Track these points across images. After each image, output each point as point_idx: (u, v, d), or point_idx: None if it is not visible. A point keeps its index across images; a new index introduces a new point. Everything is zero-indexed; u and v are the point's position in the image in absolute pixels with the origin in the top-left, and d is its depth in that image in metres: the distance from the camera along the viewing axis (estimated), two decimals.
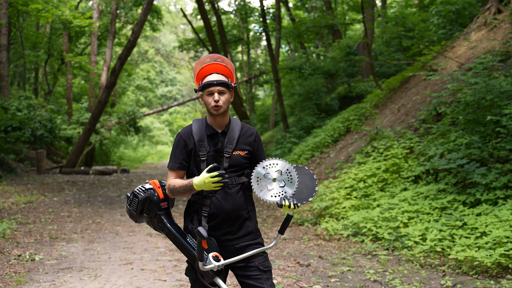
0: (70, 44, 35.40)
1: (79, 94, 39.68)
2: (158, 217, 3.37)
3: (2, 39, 25.42)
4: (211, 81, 3.34)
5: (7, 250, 7.73)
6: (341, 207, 9.69)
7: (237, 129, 3.46)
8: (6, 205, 12.49)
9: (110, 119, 30.95)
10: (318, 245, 8.22)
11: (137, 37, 23.71)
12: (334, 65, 24.51)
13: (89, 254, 7.73)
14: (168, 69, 61.77)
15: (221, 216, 3.34)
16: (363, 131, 13.73)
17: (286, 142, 19.30)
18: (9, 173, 20.11)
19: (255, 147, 3.49)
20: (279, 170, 3.28)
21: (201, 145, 3.37)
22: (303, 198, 3.30)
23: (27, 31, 32.27)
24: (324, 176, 12.75)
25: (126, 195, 3.51)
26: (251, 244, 3.41)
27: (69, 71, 31.67)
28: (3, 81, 25.54)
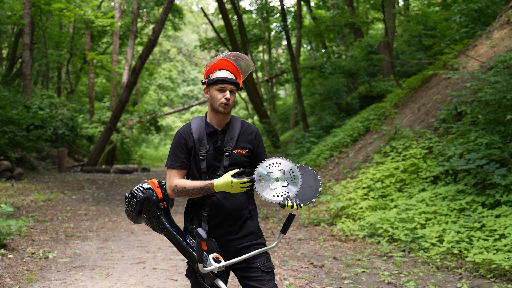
0: (92, 43, 35.69)
1: (101, 93, 40.02)
2: (157, 217, 3.29)
3: (25, 38, 25.63)
4: (227, 78, 3.25)
5: (22, 247, 7.74)
6: (358, 207, 9.55)
7: (237, 127, 3.37)
8: (25, 202, 12.57)
9: (131, 118, 31.09)
10: (333, 246, 8.10)
11: (158, 36, 23.75)
12: (355, 64, 24.30)
13: (102, 252, 7.70)
14: (189, 68, 61.91)
15: (222, 216, 3.25)
16: (382, 130, 13.55)
17: (305, 142, 19.16)
18: (31, 171, 20.30)
19: (255, 145, 3.39)
20: (282, 169, 3.18)
21: (201, 144, 3.28)
22: (306, 199, 3.20)
23: (50, 30, 32.59)
24: (342, 176, 12.60)
25: (124, 195, 3.39)
26: (253, 244, 3.31)
27: (91, 70, 31.89)
28: (26, 80, 25.78)
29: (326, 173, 13.89)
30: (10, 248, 7.57)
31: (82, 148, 31.80)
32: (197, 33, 61.82)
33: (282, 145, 25.03)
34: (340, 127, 18.57)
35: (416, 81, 15.96)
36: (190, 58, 58.18)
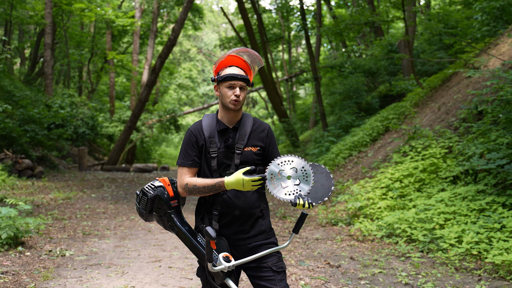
0: (113, 43, 35.93)
1: (122, 92, 40.28)
2: (168, 215, 3.26)
3: (47, 38, 25.88)
4: (236, 74, 3.21)
5: (39, 245, 7.78)
6: (376, 207, 9.46)
7: (249, 125, 3.33)
8: (45, 200, 12.68)
9: (151, 117, 31.23)
10: (350, 246, 8.03)
11: (177, 35, 23.82)
12: (375, 63, 24.13)
13: (119, 250, 7.72)
14: (209, 67, 62.05)
15: (233, 214, 3.22)
16: (402, 130, 13.42)
17: (324, 141, 19.07)
18: (52, 170, 20.48)
19: (267, 143, 3.35)
20: (294, 167, 3.14)
21: (212, 141, 3.25)
22: (319, 198, 3.15)
23: (71, 30, 32.86)
24: (360, 175, 12.51)
25: (135, 193, 3.37)
26: (264, 243, 3.27)
27: (112, 70, 32.09)
28: (47, 79, 26.04)
29: (345, 172, 13.80)
30: (28, 246, 7.62)
31: (103, 147, 32.02)
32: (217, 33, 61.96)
33: (302, 144, 24.95)
34: (359, 126, 18.45)
35: (436, 80, 15.79)
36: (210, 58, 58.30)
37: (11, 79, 26.72)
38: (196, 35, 55.69)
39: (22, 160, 17.87)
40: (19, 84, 27.20)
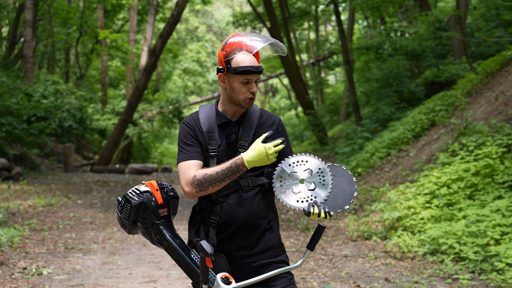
0: (106, 20, 36.09)
1: (117, 79, 40.42)
2: (156, 227, 3.22)
3: (27, 14, 26.07)
4: (253, 68, 3.15)
5: (12, 261, 7.81)
6: (418, 218, 9.37)
7: (255, 118, 3.29)
8: (22, 208, 12.77)
9: (150, 108, 31.32)
10: (386, 265, 7.96)
11: (182, 11, 23.84)
12: (420, 43, 23.95)
13: (107, 268, 7.72)
14: None
15: (234, 226, 3.18)
16: (451, 124, 13.30)
17: (356, 137, 18.99)
18: (32, 171, 20.64)
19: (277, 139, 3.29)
20: (309, 169, 3.09)
21: (211, 137, 3.21)
22: (338, 206, 3.09)
23: (57, 4, 33.01)
24: (400, 179, 12.42)
25: (117, 199, 3.33)
26: (272, 262, 3.23)
27: (104, 52, 32.19)
28: (28, 63, 26.24)
29: (382, 175, 13.72)
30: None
31: (93, 144, 32.20)
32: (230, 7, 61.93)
33: (330, 141, 24.91)
34: (400, 120, 18.33)
35: (493, 64, 15.62)
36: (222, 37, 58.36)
37: None
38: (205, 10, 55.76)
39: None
40: None
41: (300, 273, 7.45)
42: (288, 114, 44.67)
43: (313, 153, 24.44)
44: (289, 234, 10.39)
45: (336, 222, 11.29)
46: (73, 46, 35.62)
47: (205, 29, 56.90)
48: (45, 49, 38.23)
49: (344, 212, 11.98)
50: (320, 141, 25.04)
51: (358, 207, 12.07)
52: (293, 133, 34.25)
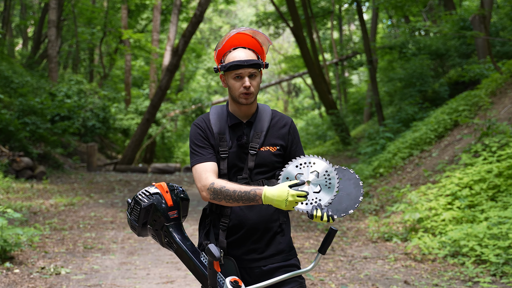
0: (130, 19, 36.20)
1: (140, 78, 40.58)
2: (166, 229, 3.18)
3: (51, 14, 26.24)
4: (241, 61, 3.11)
5: (31, 261, 7.84)
6: (440, 219, 9.26)
7: (266, 119, 3.24)
8: (44, 207, 12.84)
9: (173, 108, 31.39)
10: (406, 267, 7.87)
11: (204, 10, 23.85)
12: (444, 43, 23.72)
13: (125, 268, 7.72)
14: None
15: (244, 229, 3.13)
16: (474, 125, 13.14)
17: (379, 138, 18.85)
18: (55, 170, 20.76)
19: (289, 141, 3.25)
20: (315, 171, 3.03)
21: (222, 139, 3.16)
22: (342, 210, 3.03)
23: (81, 4, 33.20)
24: (422, 180, 12.29)
25: (126, 201, 3.30)
26: (283, 266, 3.18)
27: (127, 51, 32.32)
28: (52, 63, 26.42)
29: (404, 176, 13.60)
30: (18, 261, 7.68)
31: (116, 143, 32.34)
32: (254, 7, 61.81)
33: (353, 141, 24.78)
34: (422, 120, 18.16)
35: None
36: None
37: (10, 63, 27.20)
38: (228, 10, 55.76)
39: (20, 158, 18.15)
40: (19, 68, 27.66)
41: (318, 275, 7.39)
42: (312, 113, 44.54)
43: (336, 153, 24.36)
44: (309, 235, 10.33)
45: (356, 223, 11.21)
46: (97, 46, 35.79)
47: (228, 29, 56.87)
48: (70, 49, 38.49)
49: (365, 213, 11.88)
50: (343, 141, 24.92)
51: (379, 208, 11.98)
52: (316, 133, 34.17)
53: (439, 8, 28.94)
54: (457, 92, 20.95)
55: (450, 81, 22.49)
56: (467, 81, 19.87)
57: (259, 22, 35.81)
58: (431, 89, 21.88)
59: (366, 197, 13.19)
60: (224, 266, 3.09)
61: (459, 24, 22.06)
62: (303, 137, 35.60)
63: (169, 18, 36.31)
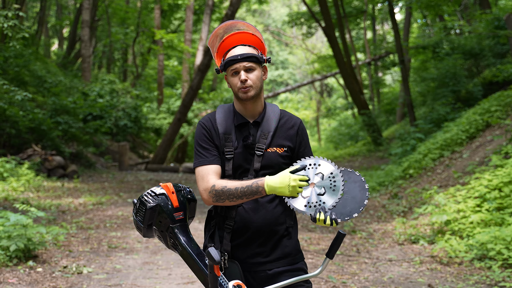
0: (163, 19, 36.34)
1: (174, 78, 40.74)
2: (171, 231, 3.13)
3: (85, 14, 26.48)
4: (234, 56, 3.07)
5: (55, 259, 7.88)
6: (468, 222, 9.08)
7: (274, 119, 3.17)
8: (73, 205, 12.93)
9: (204, 107, 31.43)
10: (431, 270, 7.73)
11: (236, 10, 23.83)
12: (479, 42, 23.36)
13: (147, 268, 7.71)
14: (278, 49, 62.00)
15: (250, 231, 3.07)
16: (506, 125, 12.90)
17: (409, 138, 18.63)
18: (87, 169, 20.94)
19: (297, 142, 3.18)
20: (320, 173, 2.96)
21: (227, 139, 3.11)
22: (346, 213, 2.96)
23: (115, 5, 33.45)
24: (451, 181, 12.09)
25: (132, 201, 3.26)
26: (289, 270, 3.11)
27: (160, 51, 32.47)
28: (85, 63, 26.65)
29: (433, 177, 13.40)
30: (41, 260, 7.72)
31: (149, 143, 32.50)
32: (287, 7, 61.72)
33: (385, 141, 24.55)
34: (454, 120, 17.90)
35: None
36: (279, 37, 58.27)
37: (44, 63, 27.51)
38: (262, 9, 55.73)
39: (52, 157, 18.32)
40: (53, 68, 27.97)
41: (341, 277, 7.30)
42: (345, 114, 44.30)
43: (367, 153, 24.18)
44: (333, 236, 10.21)
45: (384, 224, 11.06)
46: (131, 46, 36.03)
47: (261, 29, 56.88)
48: (104, 49, 38.82)
49: (393, 214, 11.72)
50: (375, 142, 24.73)
51: (408, 209, 11.81)
52: (348, 133, 33.96)
53: (475, 7, 28.54)
54: (491, 92, 20.63)
55: (484, 81, 22.14)
56: (501, 81, 19.55)
57: (292, 22, 35.72)
58: (465, 89, 21.57)
59: (395, 199, 13.03)
60: (228, 269, 3.04)
61: (493, 24, 21.73)
62: (335, 137, 35.45)
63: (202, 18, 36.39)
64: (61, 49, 42.89)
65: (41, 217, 10.47)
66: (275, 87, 58.78)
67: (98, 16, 34.45)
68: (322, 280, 7.14)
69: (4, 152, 17.81)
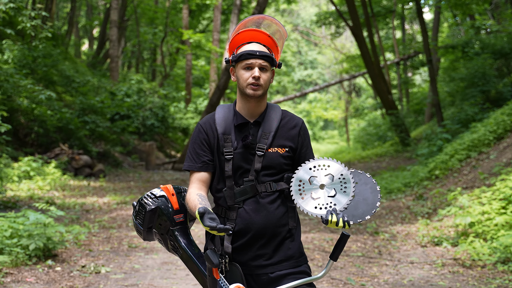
0: (191, 19, 36.42)
1: (202, 78, 40.82)
2: (171, 233, 3.07)
3: (113, 14, 26.61)
4: (253, 51, 3.01)
5: (74, 259, 7.88)
6: (492, 224, 8.90)
7: (276, 119, 3.10)
8: (97, 205, 12.97)
9: None
10: (453, 273, 7.57)
11: (263, 9, 23.74)
12: (509, 42, 23.00)
13: (165, 268, 7.67)
14: (307, 48, 61.78)
15: (251, 233, 3.01)
16: None
17: (436, 139, 18.39)
18: (114, 168, 21.03)
19: (299, 142, 3.11)
20: (330, 174, 2.90)
21: (227, 139, 3.05)
22: (358, 215, 2.88)
23: (144, 5, 33.57)
24: (478, 183, 11.88)
25: (132, 204, 3.23)
26: (292, 273, 3.04)
27: (187, 51, 32.53)
28: (113, 63, 26.79)
29: (459, 178, 13.19)
30: (61, 259, 7.73)
31: (176, 142, 32.55)
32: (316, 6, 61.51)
33: (413, 142, 24.30)
34: (482, 121, 17.62)
35: None
36: (307, 37, 58.03)
37: (73, 62, 27.73)
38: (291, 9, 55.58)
39: (79, 156, 18.43)
40: (82, 68, 28.18)
41: (360, 279, 7.19)
42: (374, 114, 43.99)
43: (395, 154, 23.95)
44: (357, 238, 10.10)
45: (407, 226, 10.90)
46: (159, 45, 36.17)
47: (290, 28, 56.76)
48: (133, 49, 39.02)
49: (417, 216, 11.55)
50: (402, 142, 24.49)
51: (432, 211, 11.63)
52: (376, 134, 33.69)
53: (506, 6, 28.13)
54: None
55: None
56: None
57: (320, 22, 35.56)
58: (494, 89, 21.26)
59: (420, 200, 12.85)
60: (229, 272, 2.97)
61: None
62: (363, 137, 35.20)
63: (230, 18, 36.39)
64: (91, 49, 43.23)
65: (64, 216, 10.52)
66: (304, 87, 58.57)
67: (127, 16, 34.62)
68: (341, 282, 7.04)
69: (32, 151, 17.97)
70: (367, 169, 21.50)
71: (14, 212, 8.18)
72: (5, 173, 13.18)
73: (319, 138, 58.50)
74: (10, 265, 7.01)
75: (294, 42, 58.70)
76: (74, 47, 40.50)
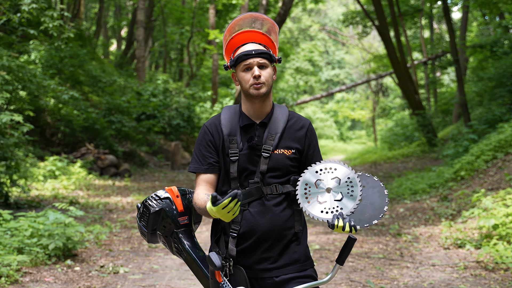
0: (218, 19, 36.43)
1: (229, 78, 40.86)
2: (175, 236, 3.03)
3: (139, 14, 26.73)
4: (248, 51, 2.97)
5: (94, 258, 7.89)
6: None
7: (282, 120, 3.05)
8: (121, 204, 13.01)
9: None
10: (475, 276, 7.45)
11: (288, 9, 23.69)
12: None
13: (184, 269, 7.65)
14: (334, 48, 61.55)
15: (256, 236, 2.96)
16: None
17: (462, 139, 18.15)
18: (140, 168, 21.10)
19: (306, 144, 3.06)
20: (337, 177, 2.84)
21: (232, 140, 3.01)
22: (365, 220, 2.82)
23: (171, 5, 33.66)
24: (503, 184, 11.69)
25: (136, 206, 3.19)
26: (297, 277, 2.99)
27: (213, 51, 32.56)
28: (140, 63, 26.90)
29: (485, 180, 13.00)
30: (80, 259, 7.75)
31: None
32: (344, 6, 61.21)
33: (440, 142, 24.05)
34: (509, 121, 17.36)
35: None
36: (335, 36, 57.82)
37: (100, 62, 27.90)
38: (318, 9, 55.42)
39: (104, 156, 18.52)
40: (109, 68, 28.33)
41: (379, 282, 7.10)
42: (402, 114, 43.67)
43: (421, 154, 23.72)
44: (379, 239, 10.00)
45: (431, 228, 10.76)
46: (186, 45, 36.27)
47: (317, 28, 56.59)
48: (160, 49, 39.18)
49: (441, 217, 11.39)
50: (429, 143, 24.25)
51: (456, 212, 11.46)
52: (403, 134, 33.41)
53: None
54: None
55: None
56: None
57: (347, 21, 35.38)
58: None
59: (444, 201, 12.69)
60: (233, 276, 2.93)
61: None
62: (390, 138, 34.94)
63: None
64: (119, 49, 43.50)
65: (86, 216, 10.56)
66: (331, 86, 58.36)
67: (155, 16, 34.76)
68: (360, 284, 6.96)
69: (58, 150, 18.11)
70: (393, 170, 21.34)
71: (36, 212, 8.22)
72: (30, 172, 13.30)
73: (347, 138, 58.30)
74: (30, 264, 7.04)
75: (322, 42, 58.53)
76: (103, 47, 40.78)
